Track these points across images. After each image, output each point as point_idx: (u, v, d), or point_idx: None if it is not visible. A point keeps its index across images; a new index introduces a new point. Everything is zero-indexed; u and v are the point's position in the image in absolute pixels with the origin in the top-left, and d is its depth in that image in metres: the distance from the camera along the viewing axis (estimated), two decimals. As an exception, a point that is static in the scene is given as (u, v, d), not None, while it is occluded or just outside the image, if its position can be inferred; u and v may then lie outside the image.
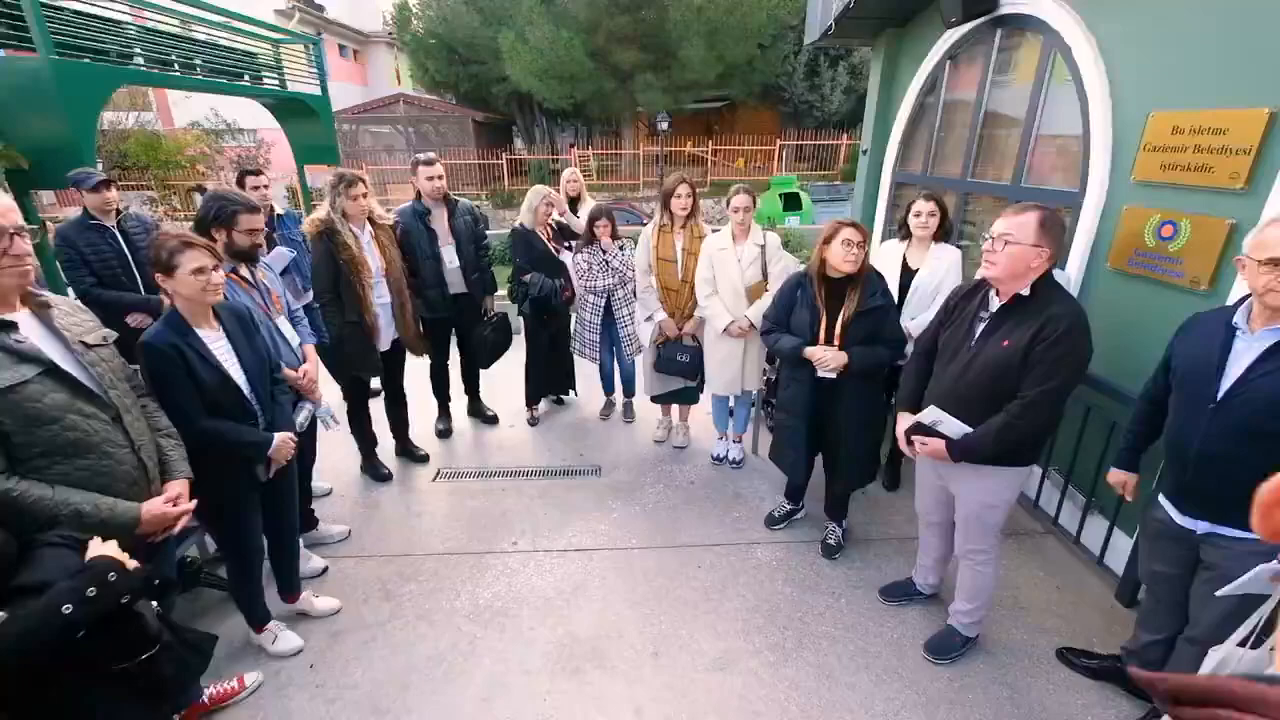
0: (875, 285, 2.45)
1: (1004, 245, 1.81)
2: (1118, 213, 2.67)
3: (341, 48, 23.75)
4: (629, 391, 4.31)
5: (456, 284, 3.64)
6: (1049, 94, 3.18)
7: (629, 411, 4.32)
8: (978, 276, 2.00)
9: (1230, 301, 2.24)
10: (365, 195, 3.00)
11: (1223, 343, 1.61)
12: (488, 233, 3.91)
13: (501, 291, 4.11)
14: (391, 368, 3.41)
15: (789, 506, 3.13)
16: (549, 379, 4.30)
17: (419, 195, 3.49)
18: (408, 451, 3.73)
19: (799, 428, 2.72)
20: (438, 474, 3.62)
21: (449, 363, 3.97)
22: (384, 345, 3.22)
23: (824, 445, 2.79)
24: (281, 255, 3.10)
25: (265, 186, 3.66)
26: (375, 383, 3.63)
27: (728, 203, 3.16)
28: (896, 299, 2.93)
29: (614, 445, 3.97)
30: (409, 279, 3.27)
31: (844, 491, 2.86)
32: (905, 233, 3.11)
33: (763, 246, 3.18)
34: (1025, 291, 1.84)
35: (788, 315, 2.66)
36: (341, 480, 3.52)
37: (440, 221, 3.52)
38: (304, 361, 2.52)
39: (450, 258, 3.55)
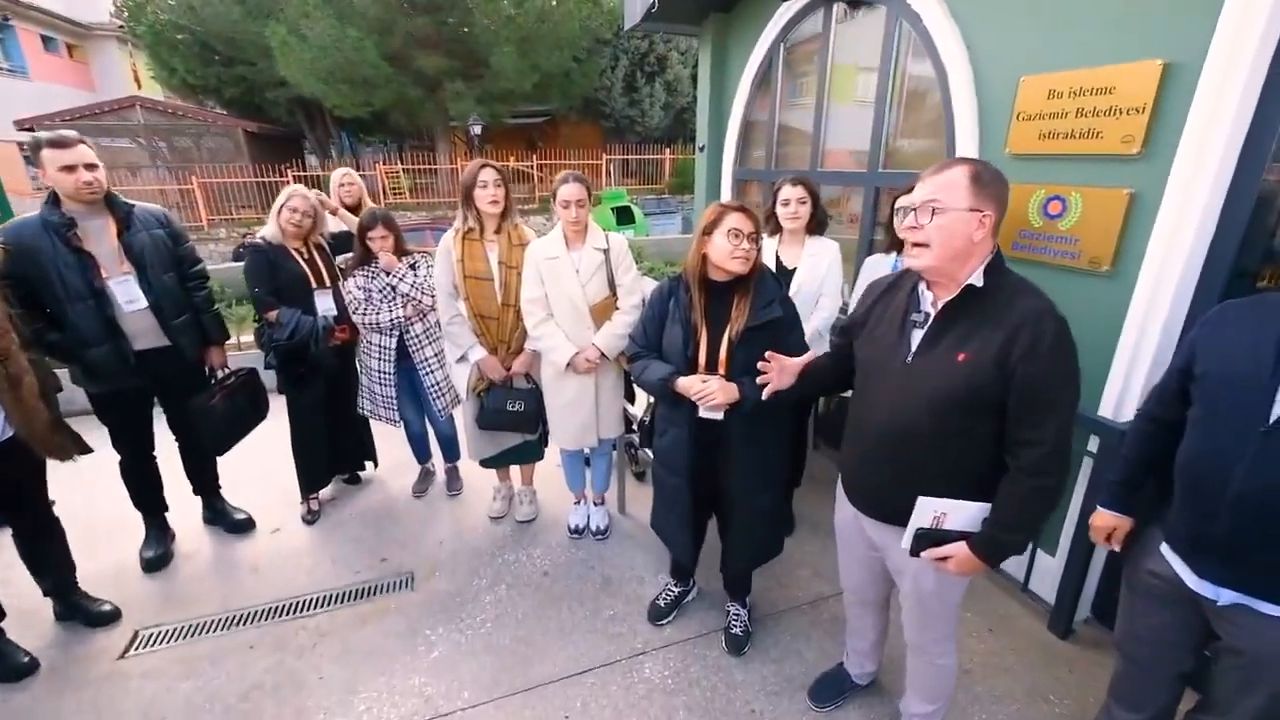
0: (771, 290, 1.83)
1: (931, 215, 1.28)
2: (997, 191, 2.39)
3: (47, 40, 18.86)
4: (451, 455, 3.30)
5: (147, 334, 2.38)
6: (901, 67, 2.91)
7: (454, 482, 3.31)
8: (904, 265, 1.44)
9: (1139, 288, 2.01)
10: None
11: (1277, 343, 1.19)
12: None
13: (247, 337, 2.89)
14: (15, 486, 2.06)
15: (676, 589, 2.41)
16: (336, 452, 3.14)
17: (55, 199, 2.20)
18: (77, 609, 2.34)
19: (681, 488, 2.01)
20: (134, 641, 2.29)
21: (156, 452, 2.66)
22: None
23: (716, 507, 2.12)
24: None
25: None
26: None
27: (553, 195, 2.38)
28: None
29: (434, 534, 2.94)
30: (25, 338, 1.96)
31: (745, 570, 2.21)
32: (774, 226, 2.60)
33: (606, 251, 2.45)
34: (978, 282, 1.30)
35: (659, 333, 1.95)
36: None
37: (101, 239, 2.26)
38: None
39: (128, 295, 2.30)
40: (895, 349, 1.43)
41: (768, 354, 1.57)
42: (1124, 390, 2.05)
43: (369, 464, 3.42)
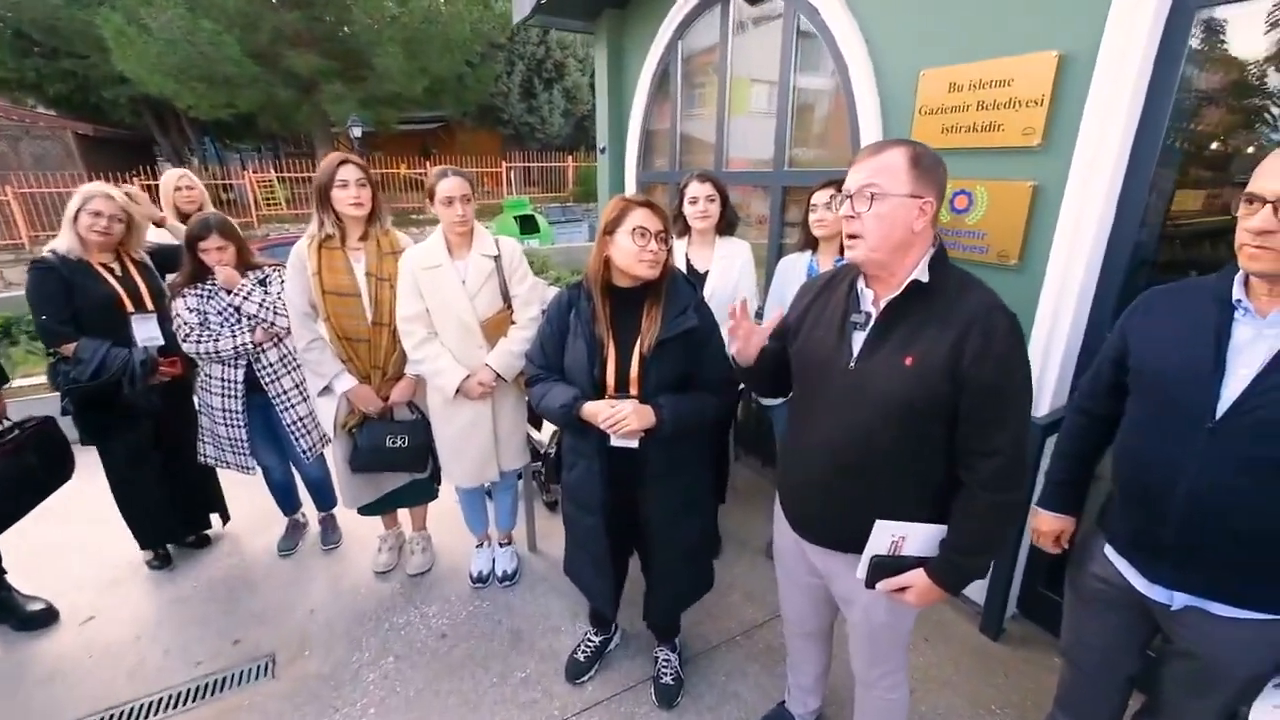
0: (684, 297, 1.62)
1: (869, 202, 1.13)
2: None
3: None
4: (325, 502, 2.83)
5: None
6: (800, 65, 2.85)
7: (330, 533, 2.84)
8: (845, 260, 1.28)
9: (1048, 279, 2.00)
10: None
11: (1216, 330, 1.11)
12: None
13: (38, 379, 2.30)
14: None
15: (597, 638, 2.14)
16: (178, 509, 2.58)
17: None
18: None
19: (596, 528, 1.75)
20: None
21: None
22: None
23: (637, 542, 1.88)
24: None
25: None
26: None
27: (430, 195, 2.05)
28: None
29: (304, 600, 2.48)
30: None
31: (673, 613, 1.98)
32: (682, 227, 2.42)
33: (496, 258, 2.16)
34: (923, 277, 1.16)
35: (560, 351, 1.69)
36: None
37: None
38: None
39: None
40: (836, 354, 1.26)
41: (733, 308, 1.36)
42: (1039, 385, 2.03)
43: (217, 520, 2.86)
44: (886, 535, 1.21)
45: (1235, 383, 1.07)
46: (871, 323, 1.22)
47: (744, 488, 3.28)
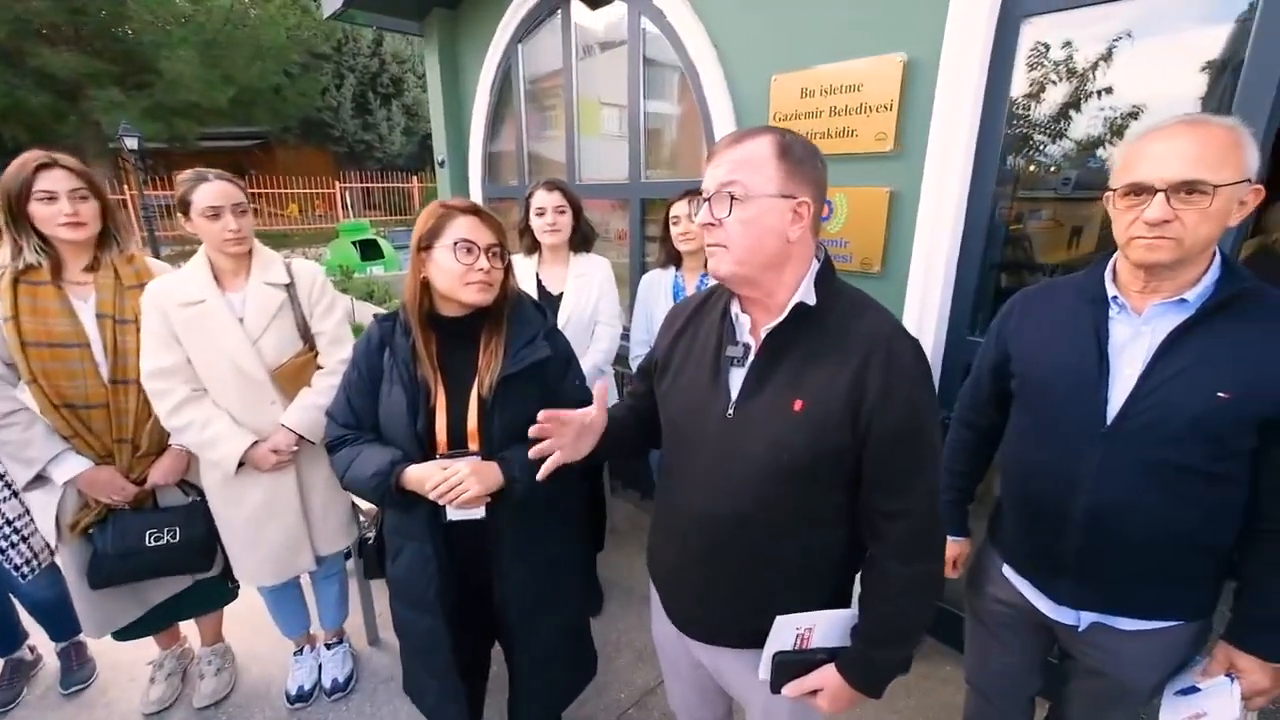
0: (532, 322, 1.31)
1: (729, 205, 0.91)
2: (764, 196, 2.27)
3: None
4: (62, 630, 2.09)
5: None
6: (649, 71, 2.71)
7: (76, 669, 2.09)
8: (709, 271, 1.05)
9: (910, 286, 1.98)
10: None
11: (1095, 331, 1.05)
12: None
13: None
14: None
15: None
16: None
17: None
18: None
19: (436, 630, 1.36)
20: None
21: None
22: None
23: (495, 633, 1.52)
24: None
25: None
26: None
27: (183, 207, 1.56)
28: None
29: (27, 779, 1.77)
30: None
31: (548, 718, 1.63)
32: (530, 243, 2.13)
33: (289, 286, 1.70)
34: (809, 299, 0.95)
35: (372, 403, 1.30)
36: None
37: None
38: None
39: None
40: (710, 398, 1.00)
41: (543, 414, 1.05)
42: (911, 394, 2.00)
43: (-114, 681, 2.00)
44: (790, 630, 0.98)
45: (1121, 384, 1.02)
46: (751, 357, 0.99)
47: (624, 525, 3.03)
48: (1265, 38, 1.33)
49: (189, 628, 2.11)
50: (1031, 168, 1.83)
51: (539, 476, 1.08)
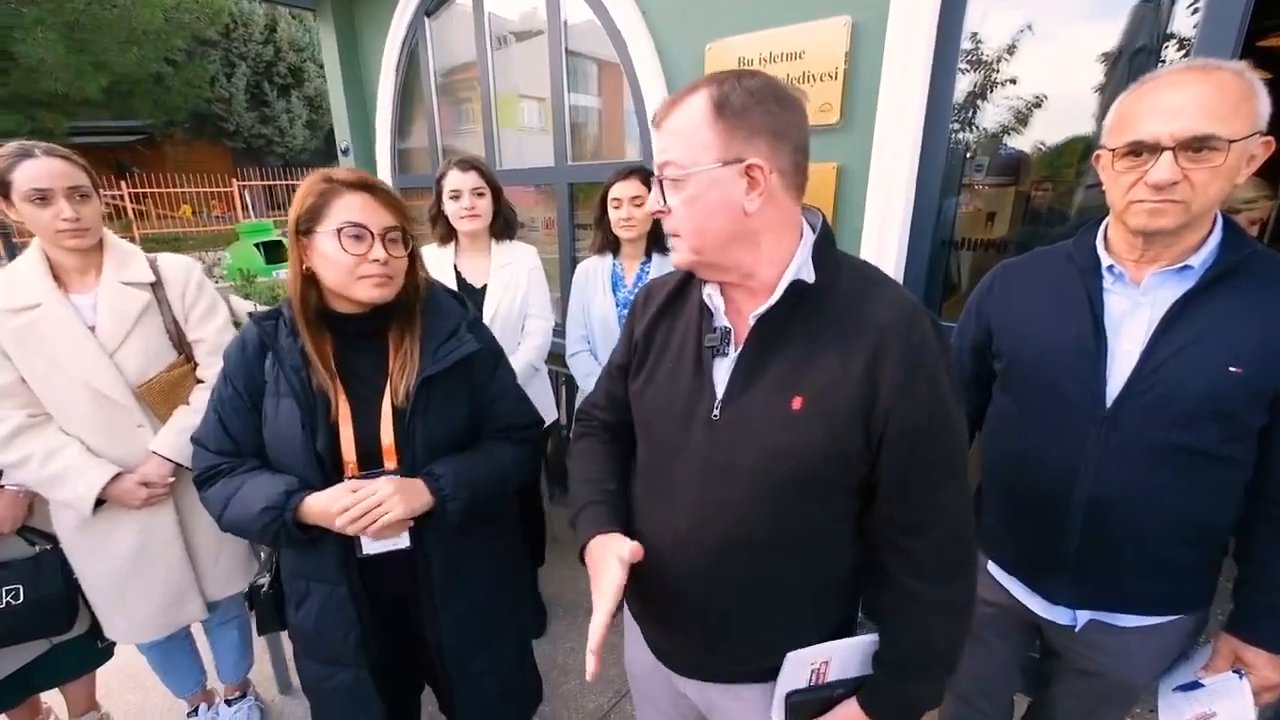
0: (452, 315, 1.13)
1: (672, 188, 0.78)
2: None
3: None
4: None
5: None
6: (574, 37, 2.55)
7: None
8: (673, 263, 0.90)
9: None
10: None
11: (1090, 304, 0.97)
12: None
13: None
14: None
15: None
16: None
17: None
18: None
19: (361, 685, 1.16)
20: None
21: None
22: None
23: (426, 675, 1.33)
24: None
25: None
26: None
27: (2, 188, 1.27)
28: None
29: None
30: None
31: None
32: (445, 231, 1.93)
33: (155, 284, 1.44)
34: (807, 276, 0.79)
35: (254, 423, 1.09)
36: None
37: None
38: None
39: None
40: (693, 397, 0.85)
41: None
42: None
43: None
44: (805, 666, 0.85)
45: (1121, 362, 0.95)
46: (738, 346, 0.83)
47: (565, 534, 2.86)
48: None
49: (53, 696, 1.78)
50: (982, 142, 1.80)
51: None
